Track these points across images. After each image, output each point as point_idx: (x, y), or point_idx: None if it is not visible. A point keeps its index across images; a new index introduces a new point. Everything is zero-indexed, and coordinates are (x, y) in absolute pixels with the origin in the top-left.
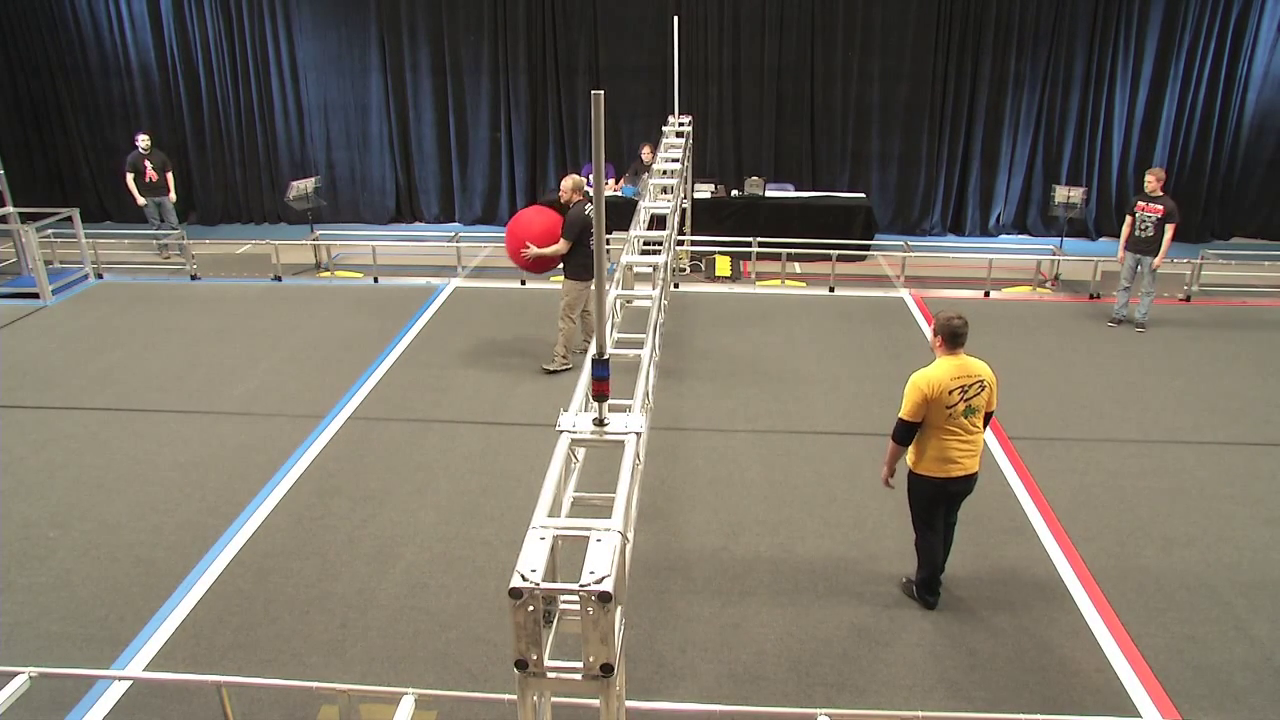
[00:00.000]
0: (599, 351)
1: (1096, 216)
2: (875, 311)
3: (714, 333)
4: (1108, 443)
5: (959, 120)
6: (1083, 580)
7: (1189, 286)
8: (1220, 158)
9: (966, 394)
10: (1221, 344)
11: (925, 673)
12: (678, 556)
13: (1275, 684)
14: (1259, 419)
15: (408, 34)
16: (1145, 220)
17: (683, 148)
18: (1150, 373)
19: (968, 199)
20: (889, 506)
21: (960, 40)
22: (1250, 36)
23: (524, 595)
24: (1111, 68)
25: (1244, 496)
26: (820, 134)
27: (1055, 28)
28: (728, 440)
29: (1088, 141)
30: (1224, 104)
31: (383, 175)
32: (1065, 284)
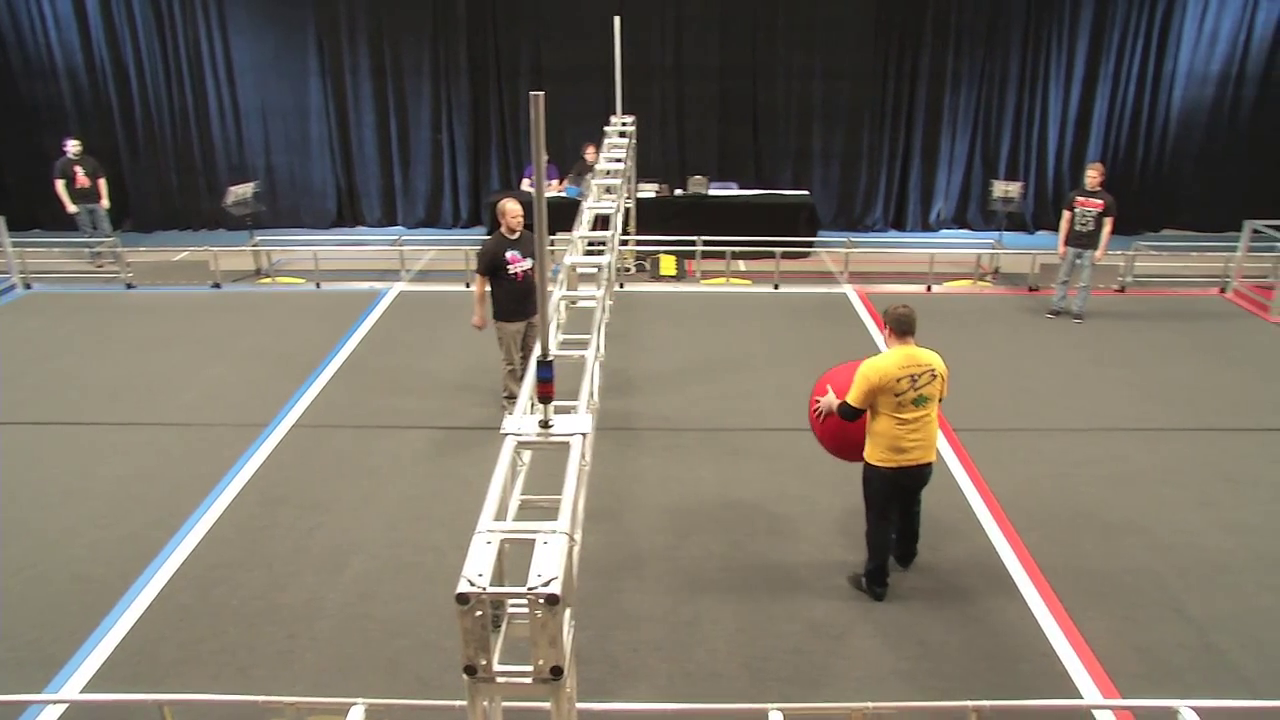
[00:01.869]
0: (543, 353)
1: (1034, 210)
2: (820, 308)
3: (660, 332)
4: (1050, 432)
5: (899, 117)
6: (1027, 568)
7: (1123, 278)
8: (1150, 152)
9: (917, 383)
10: (1155, 333)
11: (877, 665)
12: (629, 556)
13: (1209, 660)
14: (1193, 405)
15: (347, 36)
16: (1085, 215)
17: (626, 147)
18: (1089, 362)
19: (909, 195)
20: (840, 502)
21: (900, 39)
22: (1175, 35)
23: (471, 600)
24: (1045, 66)
25: (1179, 481)
26: (763, 132)
27: (991, 27)
28: (677, 439)
29: (1024, 137)
30: (1152, 100)
31: (323, 179)
32: (1005, 277)
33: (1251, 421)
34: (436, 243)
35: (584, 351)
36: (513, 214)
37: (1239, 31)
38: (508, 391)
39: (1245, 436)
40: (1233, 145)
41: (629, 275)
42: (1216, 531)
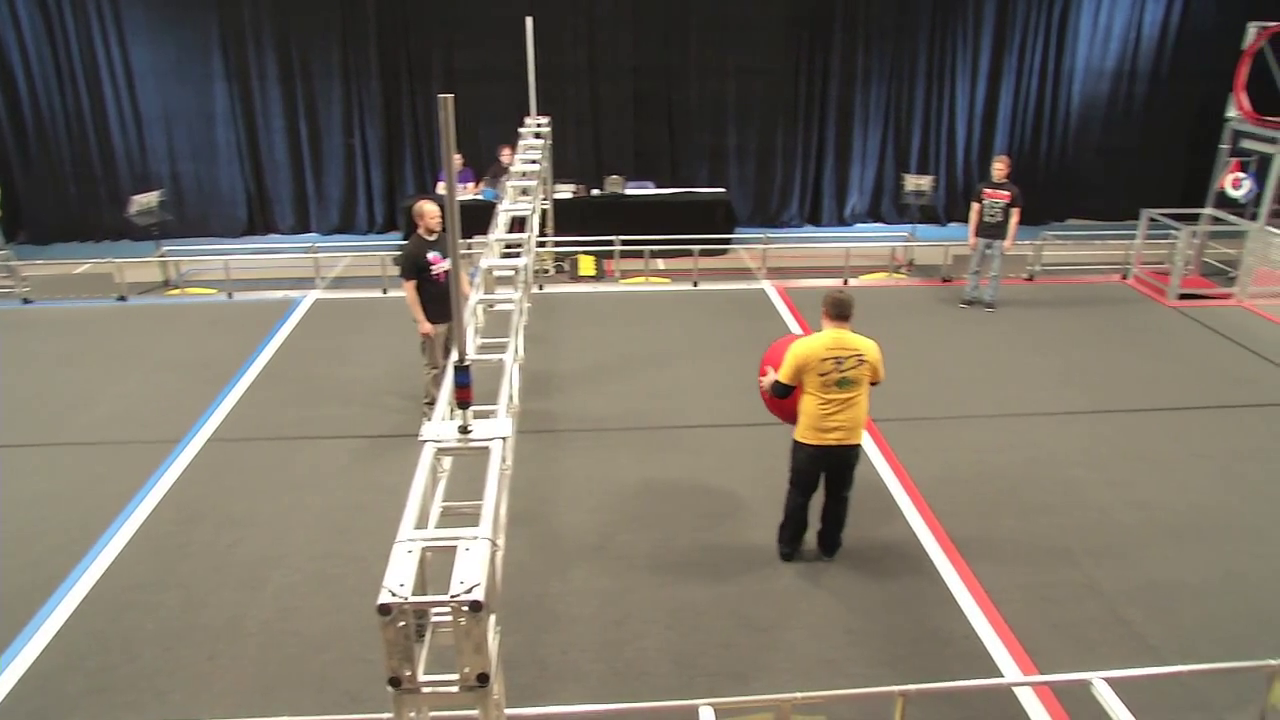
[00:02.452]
0: (460, 358)
1: (945, 203)
2: (739, 304)
3: (581, 332)
4: (967, 419)
5: (812, 114)
6: (948, 553)
7: (1031, 267)
8: (1053, 145)
9: (841, 365)
10: (1063, 319)
11: (805, 655)
12: (555, 558)
13: (1121, 633)
14: (1100, 388)
15: (253, 39)
16: (993, 206)
17: (541, 149)
18: (1002, 350)
19: (824, 190)
20: (764, 494)
21: (811, 37)
22: (1072, 33)
23: (393, 611)
24: (952, 62)
25: (1090, 462)
26: (678, 131)
27: (899, 24)
28: (601, 439)
29: (934, 132)
30: (1054, 95)
31: (232, 186)
32: (919, 269)
33: (1153, 401)
34: (352, 249)
35: (502, 355)
36: (431, 215)
37: (1130, 29)
38: (429, 397)
39: (1149, 416)
40: (1129, 138)
41: (548, 277)
42: (1125, 509)
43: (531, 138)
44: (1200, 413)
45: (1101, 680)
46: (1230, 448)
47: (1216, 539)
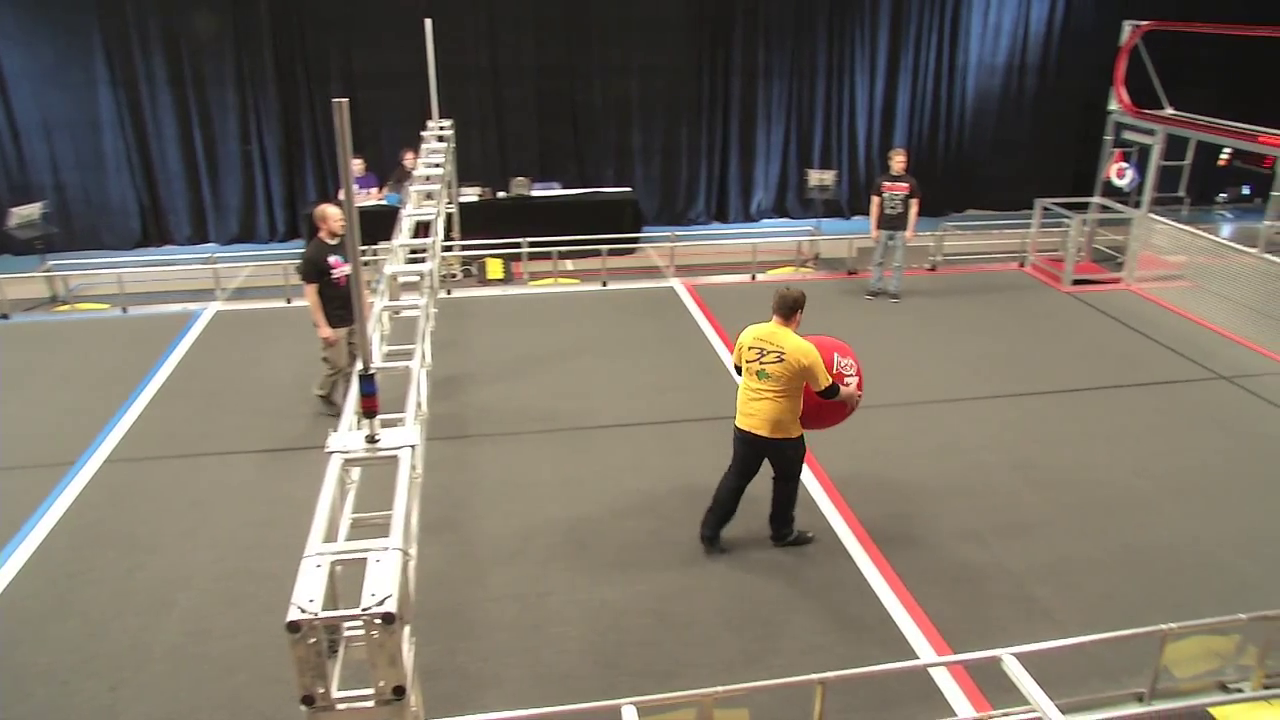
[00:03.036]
0: (364, 366)
1: (849, 196)
2: (648, 302)
3: (491, 336)
4: (876, 409)
5: (716, 112)
6: (862, 541)
7: (933, 257)
8: (950, 138)
9: (762, 357)
10: (966, 308)
11: (725, 648)
12: (472, 565)
13: (1029, 609)
14: (1003, 373)
15: (138, 42)
16: (894, 198)
17: (445, 152)
18: (908, 339)
19: (729, 187)
20: (679, 493)
21: (712, 35)
22: (964, 29)
23: (302, 628)
24: (851, 58)
25: (996, 445)
26: (583, 131)
27: (797, 21)
28: (515, 443)
29: (835, 127)
30: (949, 90)
31: (123, 196)
32: (824, 262)
33: (1052, 384)
34: (253, 258)
35: (409, 362)
36: (334, 218)
37: (1018, 27)
38: (325, 390)
39: (1049, 398)
40: (1021, 131)
41: (455, 281)
42: (1030, 489)
43: (435, 141)
44: (1095, 393)
45: (1010, 656)
46: (1122, 425)
47: (1114, 514)
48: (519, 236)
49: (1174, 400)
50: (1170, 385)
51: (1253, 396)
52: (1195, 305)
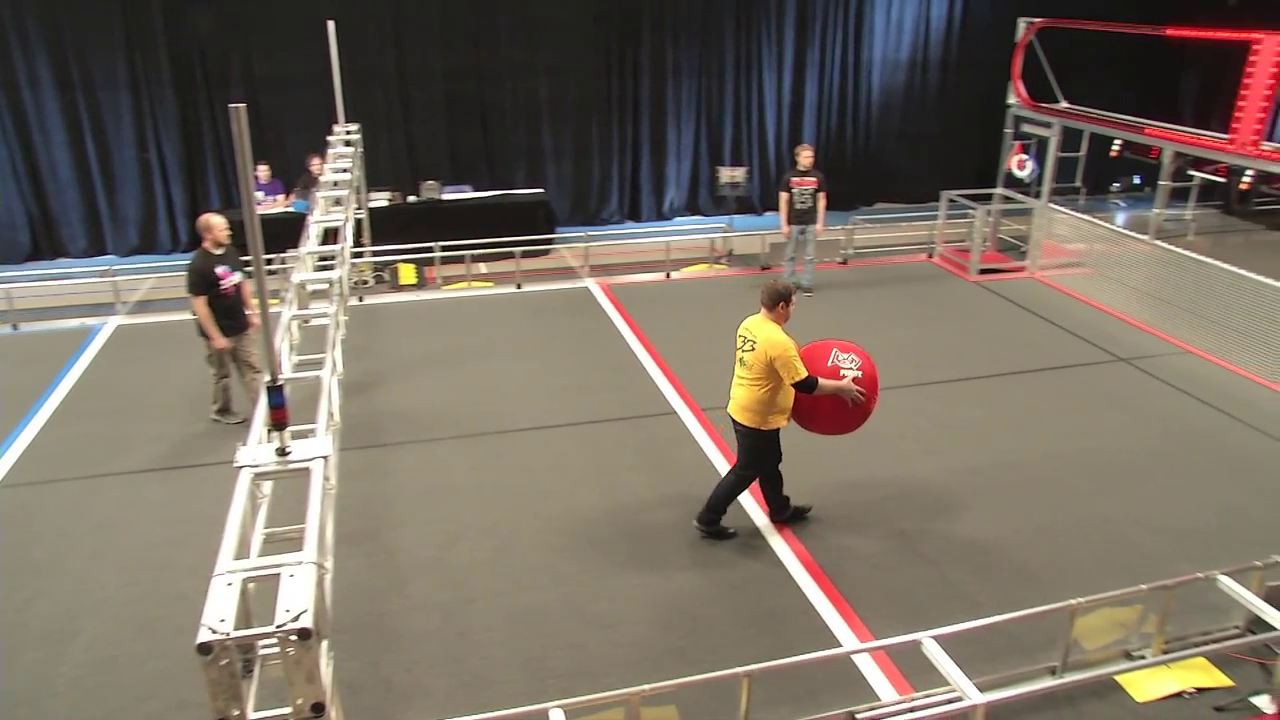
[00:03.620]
0: (272, 378)
1: (760, 193)
2: (564, 304)
3: (406, 342)
4: None
5: (626, 111)
6: (781, 533)
7: (844, 251)
8: (858, 133)
9: (742, 346)
10: (878, 299)
11: (652, 646)
12: (393, 575)
13: (946, 592)
14: (917, 363)
15: (18, 44)
16: (803, 193)
17: (352, 156)
18: (822, 332)
19: (642, 186)
20: (599, 493)
21: (620, 34)
22: (868, 26)
23: (214, 649)
24: (758, 55)
25: (912, 434)
26: (493, 132)
27: (705, 20)
28: (433, 449)
29: (745, 124)
30: (855, 85)
31: (9, 208)
32: (738, 258)
33: (963, 372)
34: (155, 270)
35: (319, 371)
36: (219, 228)
37: (919, 23)
38: (219, 404)
39: (960, 386)
40: (926, 124)
41: (368, 288)
42: (945, 476)
43: (342, 146)
44: (1004, 379)
45: (930, 639)
46: (1030, 409)
47: (1025, 496)
48: (431, 241)
49: (1078, 383)
50: (1074, 369)
51: (1150, 377)
52: (1095, 291)
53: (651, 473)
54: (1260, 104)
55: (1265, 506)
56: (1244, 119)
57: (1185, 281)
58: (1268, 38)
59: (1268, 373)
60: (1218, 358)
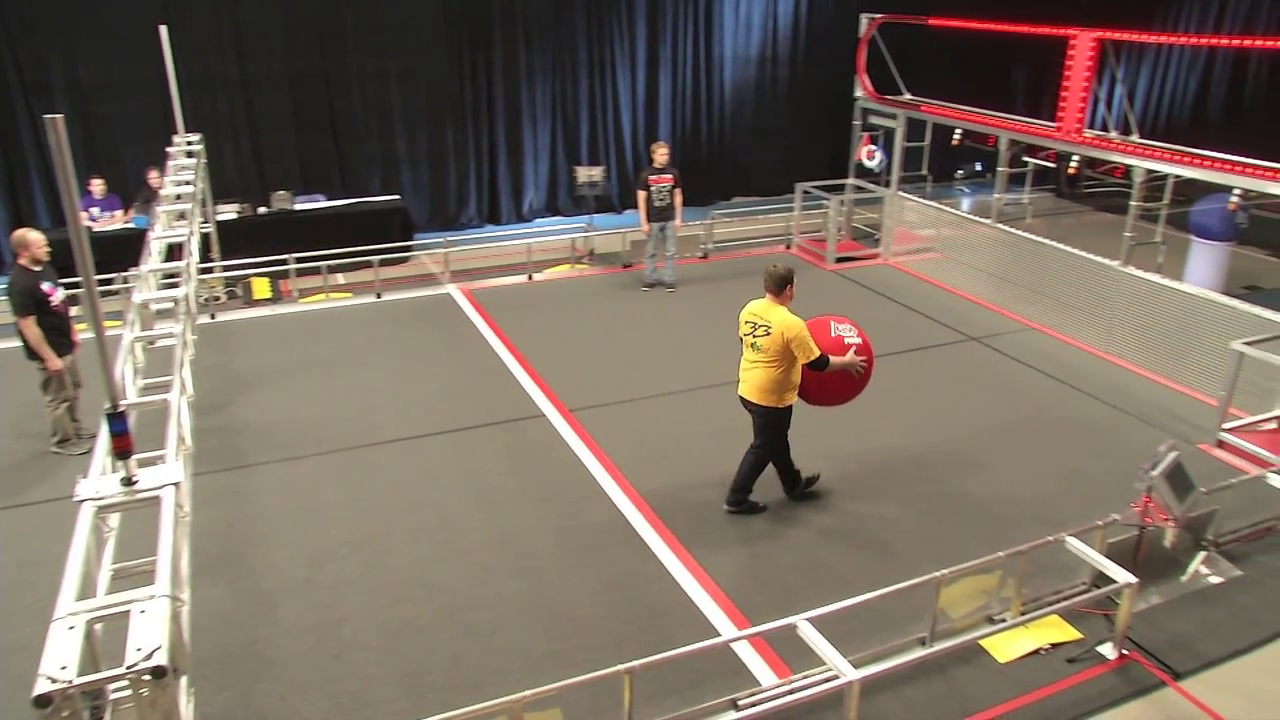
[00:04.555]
0: (111, 404)
1: (619, 191)
2: (425, 311)
3: (263, 358)
4: (659, 398)
5: (480, 114)
6: (656, 528)
7: (704, 245)
8: (713, 129)
9: (755, 332)
10: (739, 292)
11: (533, 652)
12: (260, 601)
13: (819, 575)
14: None
15: None
16: (661, 190)
17: (195, 168)
18: (686, 327)
19: (500, 189)
20: (472, 502)
21: (470, 35)
22: (718, 22)
23: (54, 700)
24: (611, 54)
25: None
26: (344, 139)
27: (556, 20)
28: (297, 467)
29: (600, 123)
30: (708, 82)
31: None
32: (600, 257)
33: None
34: None
35: (167, 394)
36: (37, 244)
37: (767, 20)
38: (60, 434)
39: None
40: (778, 118)
41: (220, 305)
42: (812, 460)
43: (183, 157)
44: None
45: (805, 621)
46: (891, 391)
47: (890, 475)
48: (285, 253)
49: (935, 364)
50: (929, 350)
51: (1000, 355)
52: (944, 274)
53: (523, 477)
54: (1080, 94)
55: (1105, 469)
56: (1067, 108)
57: (1025, 262)
58: (1082, 33)
59: (1101, 344)
60: (1058, 332)
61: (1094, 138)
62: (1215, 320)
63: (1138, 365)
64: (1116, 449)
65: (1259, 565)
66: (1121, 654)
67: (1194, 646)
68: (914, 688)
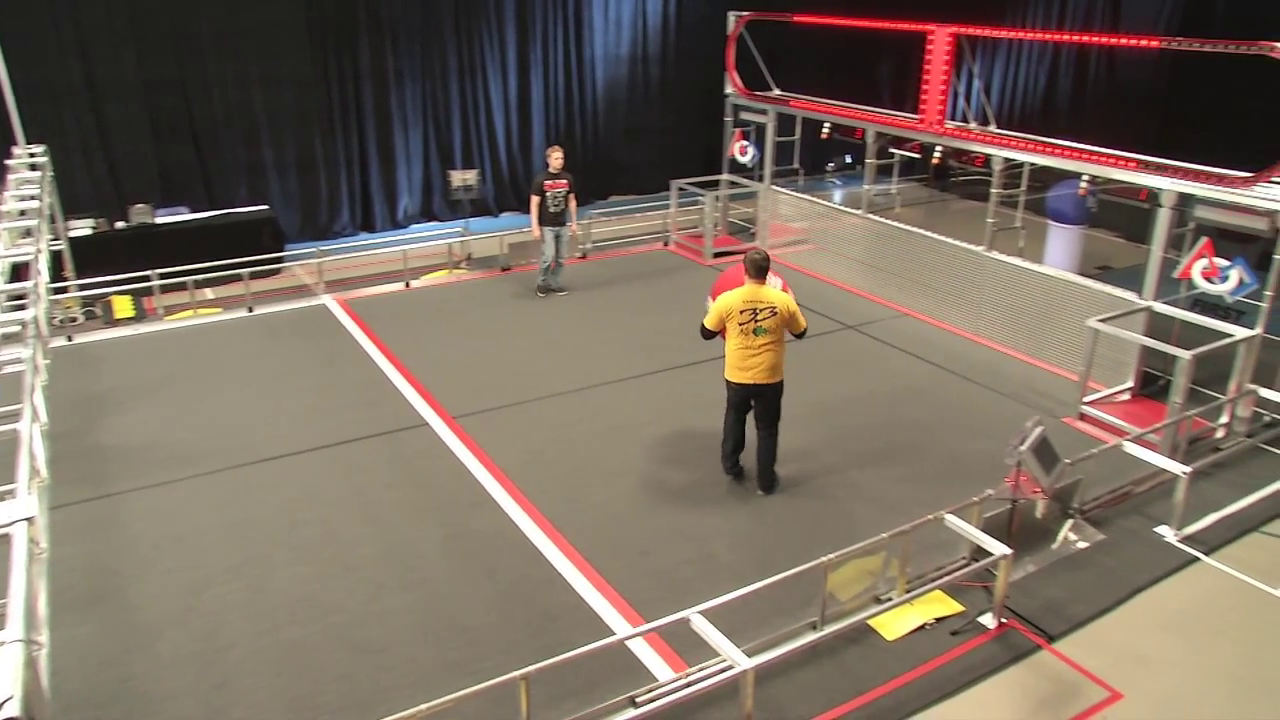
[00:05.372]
0: None
1: (495, 194)
2: (300, 323)
3: (128, 380)
4: (545, 399)
5: (349, 119)
6: (546, 531)
7: (584, 245)
8: (587, 129)
9: (757, 316)
10: (619, 291)
11: (426, 665)
12: (136, 635)
13: (709, 567)
14: (661, 348)
15: None
16: (556, 196)
17: (40, 182)
18: (568, 328)
19: (373, 195)
20: (357, 516)
21: (335, 40)
22: (588, 23)
23: None
24: (481, 56)
25: (660, 418)
26: (207, 149)
27: (424, 23)
28: (169, 492)
29: (473, 126)
30: (580, 82)
31: None
32: (478, 262)
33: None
34: None
35: (16, 424)
36: None
37: (637, 19)
38: None
39: (703, 367)
40: (651, 117)
41: (77, 325)
42: (696, 455)
43: (25, 170)
44: None
45: (697, 615)
46: None
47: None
48: (147, 269)
49: (814, 353)
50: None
51: (876, 341)
52: (820, 265)
53: (409, 488)
54: (940, 87)
55: (980, 446)
56: (928, 101)
57: (895, 250)
58: (939, 29)
59: (970, 326)
60: (929, 317)
61: (955, 129)
62: (1072, 300)
63: (1004, 345)
64: (988, 426)
65: (1119, 528)
66: (1001, 622)
67: (1065, 610)
68: (807, 671)
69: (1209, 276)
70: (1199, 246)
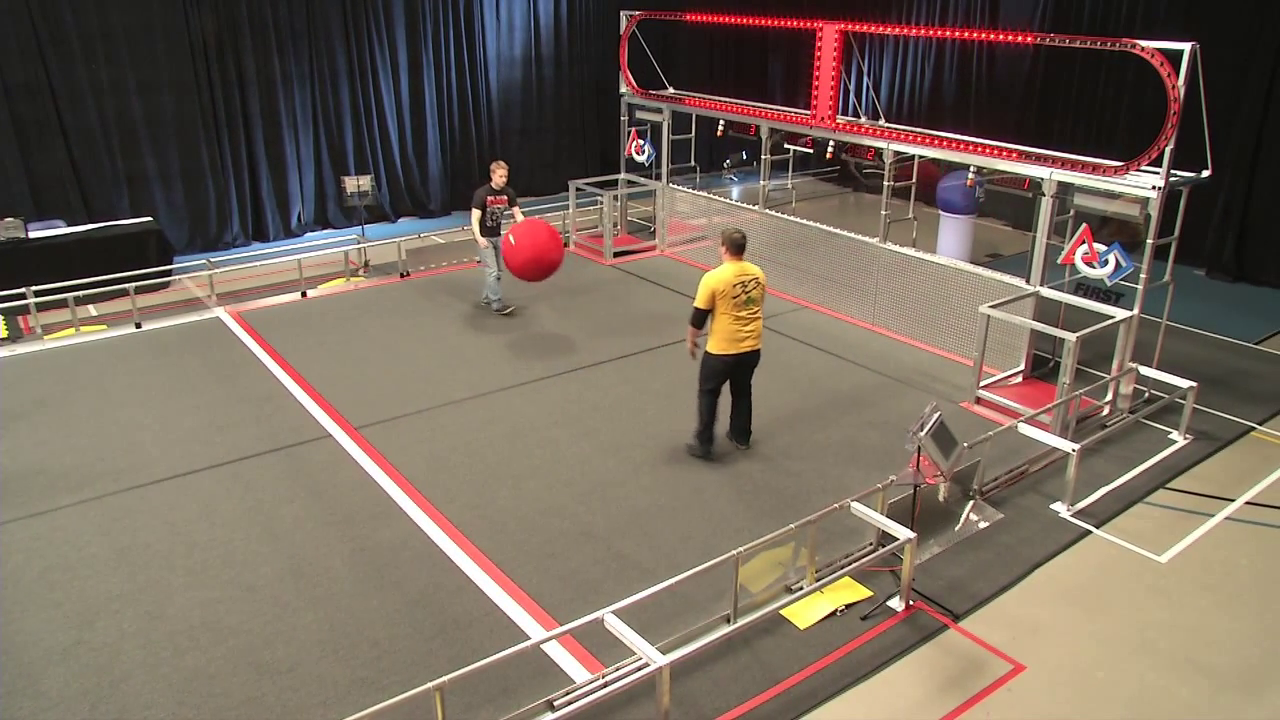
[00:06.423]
0: None
1: (391, 199)
2: (192, 338)
3: (3, 403)
4: (446, 407)
5: (235, 126)
6: (454, 539)
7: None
8: (482, 130)
9: (746, 289)
10: (519, 294)
11: (337, 682)
12: (18, 673)
13: (619, 567)
14: (561, 351)
15: None
16: (496, 212)
17: None
18: (470, 332)
19: (264, 204)
20: (258, 534)
21: (217, 43)
22: (479, 24)
23: None
24: (371, 59)
25: (564, 420)
26: (82, 159)
27: (310, 27)
28: (51, 520)
29: (366, 131)
30: (473, 84)
31: None
32: (376, 269)
33: (606, 354)
34: None
35: None
36: None
37: (529, 20)
38: None
39: (604, 367)
40: (546, 118)
41: None
42: (598, 455)
43: None
44: (644, 355)
45: (610, 614)
46: (669, 381)
47: (675, 464)
48: (21, 286)
49: None
50: None
51: (775, 334)
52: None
53: (310, 502)
54: (830, 83)
55: (881, 433)
56: (819, 97)
57: (793, 244)
58: (827, 25)
59: (867, 317)
60: (827, 309)
61: (846, 123)
62: (964, 287)
63: (900, 334)
64: (888, 414)
65: (1016, 506)
66: (908, 605)
67: (968, 588)
68: (721, 665)
69: (1089, 261)
70: (1079, 233)
